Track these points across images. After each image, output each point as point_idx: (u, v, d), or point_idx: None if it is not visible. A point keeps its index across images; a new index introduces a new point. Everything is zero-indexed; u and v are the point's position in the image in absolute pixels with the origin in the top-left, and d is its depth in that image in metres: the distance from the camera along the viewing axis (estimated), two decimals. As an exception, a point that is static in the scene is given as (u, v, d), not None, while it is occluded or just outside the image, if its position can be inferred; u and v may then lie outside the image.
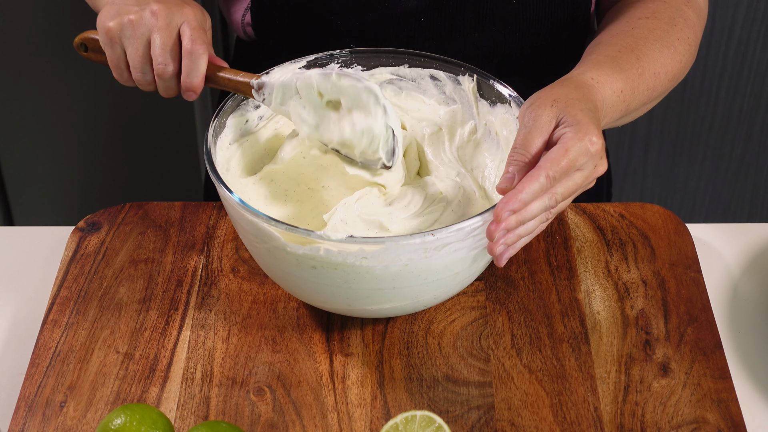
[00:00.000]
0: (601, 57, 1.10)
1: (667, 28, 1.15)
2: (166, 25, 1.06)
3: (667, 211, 1.19)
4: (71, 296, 1.11)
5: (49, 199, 2.11)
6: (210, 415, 1.01)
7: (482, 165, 1.11)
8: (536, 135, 0.96)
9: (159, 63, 1.07)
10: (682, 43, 1.15)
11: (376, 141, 1.05)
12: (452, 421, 1.00)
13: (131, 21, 1.06)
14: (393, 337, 1.07)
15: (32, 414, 1.00)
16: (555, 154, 0.94)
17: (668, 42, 1.14)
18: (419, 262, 0.96)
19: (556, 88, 1.01)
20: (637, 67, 1.10)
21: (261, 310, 1.09)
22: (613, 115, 1.08)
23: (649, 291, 1.11)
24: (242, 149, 1.11)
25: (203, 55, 1.06)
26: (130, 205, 1.20)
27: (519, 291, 1.11)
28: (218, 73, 1.08)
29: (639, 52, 1.11)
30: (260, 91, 1.07)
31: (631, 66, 1.09)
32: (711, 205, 2.22)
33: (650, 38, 1.13)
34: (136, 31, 1.07)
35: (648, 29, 1.14)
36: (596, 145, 0.95)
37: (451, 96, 1.13)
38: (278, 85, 1.07)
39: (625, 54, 1.10)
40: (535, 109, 0.98)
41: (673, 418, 1.00)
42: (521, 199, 0.92)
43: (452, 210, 1.06)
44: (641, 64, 1.11)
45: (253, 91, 1.08)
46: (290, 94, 1.06)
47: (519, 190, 0.92)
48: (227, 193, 0.98)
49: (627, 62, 1.09)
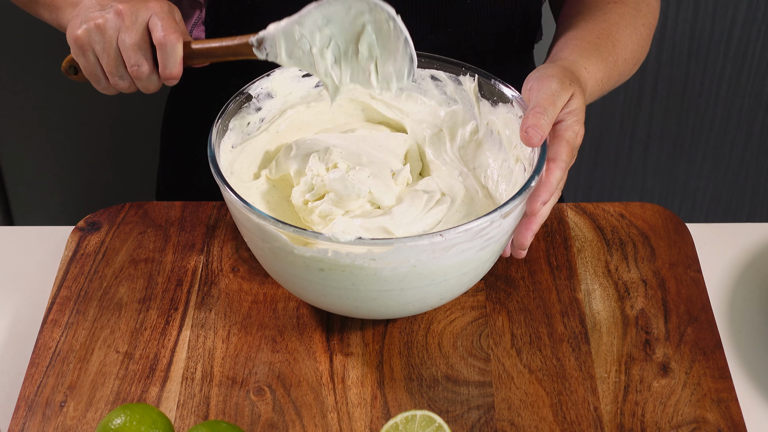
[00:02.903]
0: (585, 44, 1.14)
1: (634, 13, 1.19)
2: (132, 23, 1.04)
3: (667, 210, 1.19)
4: (71, 296, 1.11)
5: (49, 199, 2.11)
6: (210, 415, 1.01)
7: (484, 165, 1.11)
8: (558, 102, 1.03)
9: (132, 64, 1.05)
10: (645, 29, 1.20)
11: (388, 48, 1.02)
12: (452, 421, 1.00)
13: (98, 26, 1.05)
14: (393, 337, 1.07)
15: (32, 414, 1.00)
16: (558, 146, 1.02)
17: (635, 27, 1.18)
18: (427, 263, 0.96)
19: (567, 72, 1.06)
20: (613, 54, 1.15)
21: (261, 310, 1.09)
22: (590, 99, 1.13)
23: (649, 291, 1.11)
24: (245, 152, 1.11)
25: (177, 44, 1.04)
26: (130, 205, 1.20)
27: (519, 291, 1.11)
28: (211, 45, 1.06)
29: (614, 39, 1.16)
30: (261, 46, 1.04)
31: (609, 53, 1.14)
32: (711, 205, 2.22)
33: (621, 23, 1.17)
34: (104, 36, 1.05)
35: (618, 14, 1.18)
36: (581, 137, 1.06)
37: (452, 96, 1.13)
38: (280, 33, 1.03)
39: (603, 41, 1.15)
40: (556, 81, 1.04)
41: (673, 417, 1.00)
42: (550, 191, 1.00)
43: (456, 210, 1.06)
44: (616, 50, 1.15)
45: (254, 49, 1.04)
46: (293, 40, 1.02)
47: (547, 183, 1.00)
48: (233, 196, 0.98)
49: (606, 49, 1.14)
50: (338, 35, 1.01)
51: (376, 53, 1.01)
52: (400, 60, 1.01)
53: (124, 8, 1.05)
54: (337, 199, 1.04)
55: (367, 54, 1.01)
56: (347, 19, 1.00)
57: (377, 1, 0.99)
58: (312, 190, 1.05)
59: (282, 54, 1.03)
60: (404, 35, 0.99)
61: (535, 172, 1.00)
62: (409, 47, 1.00)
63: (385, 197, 1.05)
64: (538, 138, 1.00)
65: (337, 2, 1.00)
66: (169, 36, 1.04)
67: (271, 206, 1.09)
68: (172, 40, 1.04)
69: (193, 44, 1.07)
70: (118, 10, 1.04)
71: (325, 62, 1.03)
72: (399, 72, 1.01)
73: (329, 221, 1.04)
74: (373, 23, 1.00)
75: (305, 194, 1.06)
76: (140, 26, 1.05)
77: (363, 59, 1.02)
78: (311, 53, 1.02)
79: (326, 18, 1.00)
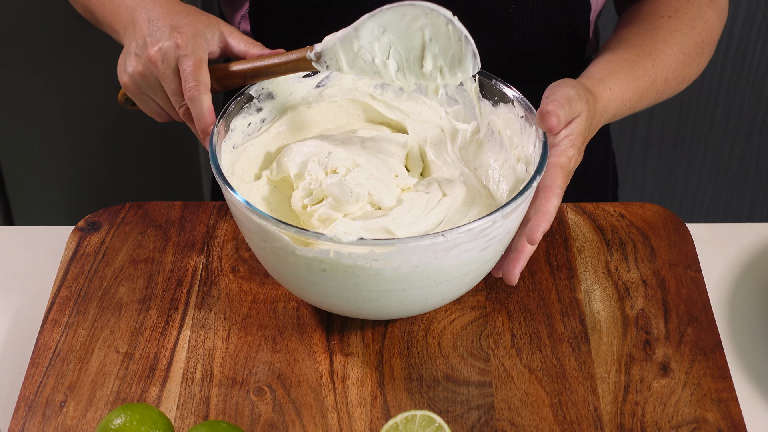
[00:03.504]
0: (621, 61, 1.12)
1: (687, 30, 1.16)
2: (166, 69, 1.06)
3: (667, 210, 1.19)
4: (71, 296, 1.11)
5: (49, 199, 2.11)
6: (210, 415, 1.01)
7: (485, 165, 1.11)
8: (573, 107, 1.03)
9: (179, 108, 1.08)
10: (697, 48, 1.17)
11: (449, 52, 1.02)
12: (452, 421, 1.00)
13: (140, 74, 1.08)
14: (393, 337, 1.07)
15: (32, 414, 1.00)
16: (553, 173, 1.02)
17: (685, 46, 1.16)
18: (429, 263, 0.96)
19: (589, 94, 1.06)
20: (651, 74, 1.13)
21: (261, 310, 1.09)
22: (612, 118, 1.12)
23: (649, 291, 1.11)
24: (246, 153, 1.11)
25: (200, 97, 1.05)
26: (130, 204, 1.20)
27: (519, 291, 1.11)
28: (267, 62, 1.07)
29: (655, 57, 1.13)
30: (321, 60, 1.04)
31: (645, 73, 1.12)
32: (711, 205, 2.22)
33: (669, 41, 1.15)
34: (148, 82, 1.08)
35: (668, 31, 1.15)
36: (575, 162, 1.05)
37: (453, 96, 1.13)
38: (338, 45, 1.03)
39: (643, 59, 1.13)
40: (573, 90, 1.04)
41: (673, 417, 1.00)
42: (549, 220, 1.00)
43: (457, 210, 1.06)
44: (655, 70, 1.13)
45: (314, 63, 1.05)
46: (352, 52, 1.03)
47: (545, 212, 1.00)
48: (234, 196, 0.98)
49: (642, 69, 1.12)
50: (396, 42, 1.01)
51: (440, 62, 1.01)
52: (463, 59, 1.00)
53: (154, 54, 1.06)
54: (335, 203, 1.04)
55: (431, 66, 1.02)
56: (403, 26, 1.00)
57: (433, 5, 0.99)
58: (310, 195, 1.05)
59: (344, 65, 1.04)
60: (464, 33, 0.99)
61: (537, 172, 1.00)
62: (471, 44, 0.99)
63: (385, 198, 1.05)
64: (555, 122, 1.00)
65: (390, 10, 1.00)
66: (193, 90, 1.05)
67: (273, 207, 1.09)
68: (195, 95, 1.05)
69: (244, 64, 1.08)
70: (150, 57, 1.06)
71: (388, 72, 1.03)
72: (465, 68, 1.01)
73: (328, 224, 1.04)
74: (430, 27, 0.99)
75: (304, 199, 1.06)
76: (173, 72, 1.06)
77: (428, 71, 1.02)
78: (374, 63, 1.03)
79: (382, 27, 1.01)
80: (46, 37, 1.89)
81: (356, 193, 1.04)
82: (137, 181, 2.07)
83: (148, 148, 2.02)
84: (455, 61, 1.01)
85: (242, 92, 1.10)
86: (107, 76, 1.92)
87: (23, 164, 2.05)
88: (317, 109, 1.15)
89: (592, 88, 1.08)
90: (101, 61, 1.90)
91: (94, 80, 1.92)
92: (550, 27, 1.23)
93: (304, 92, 1.15)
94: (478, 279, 1.03)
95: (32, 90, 1.95)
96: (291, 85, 1.14)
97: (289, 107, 1.14)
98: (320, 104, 1.15)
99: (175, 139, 2.00)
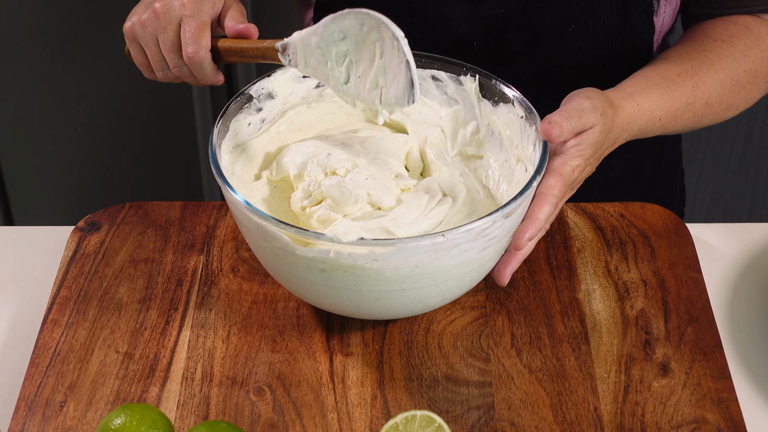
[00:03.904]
0: (658, 78, 1.11)
1: (739, 57, 1.14)
2: (166, 24, 1.06)
3: (667, 211, 1.19)
4: (71, 296, 1.11)
5: (49, 199, 2.11)
6: (210, 415, 1.01)
7: (485, 165, 1.11)
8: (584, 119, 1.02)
9: (174, 66, 1.08)
10: (749, 76, 1.15)
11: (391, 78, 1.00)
12: (452, 421, 1.00)
13: (141, 22, 1.08)
14: (393, 337, 1.07)
15: (32, 414, 1.00)
16: (552, 180, 1.01)
17: (734, 73, 1.14)
18: (429, 263, 0.96)
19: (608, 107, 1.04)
20: (689, 95, 1.11)
21: (261, 310, 1.09)
22: (639, 135, 1.11)
23: (649, 291, 1.11)
24: (246, 153, 1.11)
25: (202, 60, 1.06)
26: (130, 205, 1.20)
27: (519, 291, 1.11)
28: (243, 45, 1.07)
29: (697, 80, 1.12)
30: (285, 52, 1.05)
31: (683, 93, 1.11)
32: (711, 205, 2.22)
33: (717, 66, 1.13)
34: (144, 33, 1.08)
35: (718, 55, 1.14)
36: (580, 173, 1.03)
37: (452, 96, 1.13)
38: (299, 42, 1.04)
39: (683, 80, 1.11)
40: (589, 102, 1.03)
41: (673, 418, 1.00)
42: (537, 227, 0.99)
43: (457, 210, 1.06)
44: (695, 92, 1.11)
45: (279, 54, 1.05)
46: (311, 50, 1.03)
47: (534, 218, 0.99)
48: (234, 196, 0.98)
49: (680, 89, 1.11)
50: (353, 52, 1.01)
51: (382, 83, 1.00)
52: (401, 83, 0.98)
53: (160, 6, 1.06)
54: (334, 205, 1.04)
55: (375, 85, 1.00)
56: (361, 36, 1.00)
57: (384, 19, 0.97)
58: (309, 197, 1.05)
59: (300, 63, 1.04)
60: (407, 58, 0.96)
61: (537, 172, 1.00)
62: (411, 71, 0.97)
63: (385, 199, 1.05)
64: (556, 133, 0.99)
65: (351, 15, 0.99)
66: (194, 55, 1.06)
67: (273, 207, 1.09)
68: (197, 59, 1.06)
69: (227, 42, 1.08)
70: (155, 9, 1.07)
71: (337, 81, 1.03)
72: (399, 98, 0.99)
73: (328, 225, 1.04)
74: (381, 42, 0.98)
75: (303, 200, 1.06)
76: (173, 28, 1.07)
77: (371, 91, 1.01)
78: (326, 67, 1.03)
79: (342, 32, 1.00)
80: (46, 37, 1.89)
81: (355, 194, 1.04)
82: (137, 181, 2.07)
83: (148, 148, 2.02)
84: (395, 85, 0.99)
85: (242, 92, 1.10)
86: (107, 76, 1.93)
87: (23, 164, 2.05)
88: (317, 109, 1.15)
89: (617, 101, 1.06)
90: (101, 62, 1.90)
91: (94, 80, 1.92)
92: (610, 47, 1.21)
93: (303, 92, 1.15)
94: (478, 279, 1.03)
95: (32, 90, 1.95)
96: (291, 85, 1.14)
97: (289, 107, 1.14)
98: (320, 104, 1.15)
99: (175, 139, 2.00)
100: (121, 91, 1.94)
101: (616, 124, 1.06)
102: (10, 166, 2.06)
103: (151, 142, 2.01)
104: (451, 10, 1.20)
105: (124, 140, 2.02)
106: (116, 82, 1.92)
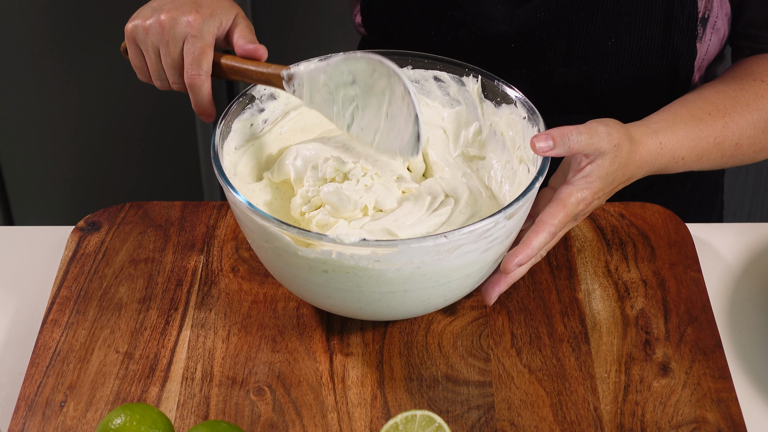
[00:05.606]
0: (687, 115, 1.08)
1: None
2: (170, 39, 1.06)
3: (667, 210, 1.19)
4: (71, 296, 1.11)
5: (49, 199, 2.11)
6: (210, 415, 1.01)
7: (488, 165, 1.11)
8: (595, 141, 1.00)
9: (173, 82, 1.08)
10: None
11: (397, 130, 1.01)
12: (452, 421, 1.00)
13: (144, 28, 1.07)
14: (393, 337, 1.07)
15: (32, 414, 1.00)
16: (554, 209, 1.00)
17: None
18: (432, 264, 0.96)
19: (626, 140, 1.02)
20: (718, 136, 1.09)
21: (261, 310, 1.09)
22: (661, 171, 1.09)
23: (649, 291, 1.11)
24: (248, 154, 1.11)
25: (201, 87, 1.06)
26: (130, 204, 1.20)
27: (519, 291, 1.11)
28: (246, 66, 1.07)
29: (729, 119, 1.10)
30: (291, 82, 1.05)
31: (711, 133, 1.09)
32: (711, 205, 2.22)
33: (752, 106, 1.11)
34: (146, 39, 1.07)
35: (755, 95, 1.11)
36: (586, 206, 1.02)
37: (455, 97, 1.13)
38: (306, 76, 1.04)
39: (713, 119, 1.09)
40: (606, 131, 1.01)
41: (673, 417, 1.00)
42: (528, 254, 0.98)
43: (460, 211, 1.06)
44: (725, 132, 1.09)
45: (284, 82, 1.05)
46: (317, 87, 1.03)
47: (527, 244, 0.98)
48: (237, 197, 0.98)
49: (709, 129, 1.09)
50: (361, 98, 1.01)
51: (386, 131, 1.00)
52: (406, 136, 0.99)
53: (166, 20, 1.06)
54: (333, 211, 1.04)
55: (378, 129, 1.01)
56: (370, 82, 1.00)
57: (396, 69, 0.97)
58: (308, 203, 1.05)
59: (306, 97, 1.05)
60: (415, 112, 0.97)
61: (539, 173, 1.00)
62: (419, 126, 0.98)
63: (386, 200, 1.05)
64: (542, 143, 0.98)
65: (363, 60, 0.99)
66: (195, 79, 1.06)
67: (275, 208, 1.09)
68: (197, 83, 1.06)
69: (231, 60, 1.08)
70: (160, 20, 1.06)
71: (342, 124, 1.03)
72: (403, 149, 1.00)
73: (327, 230, 1.04)
74: (389, 91, 0.98)
75: (302, 206, 1.06)
76: (176, 46, 1.06)
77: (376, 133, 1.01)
78: (332, 108, 1.03)
79: (352, 74, 1.00)
80: (46, 37, 1.89)
81: (354, 200, 1.03)
82: (137, 181, 2.07)
83: (148, 148, 2.02)
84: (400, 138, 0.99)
85: (244, 93, 1.10)
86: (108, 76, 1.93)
87: (23, 164, 2.05)
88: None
89: (639, 136, 1.04)
90: (102, 62, 1.90)
91: (94, 80, 1.92)
92: (649, 66, 1.18)
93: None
94: (480, 280, 1.03)
95: (32, 90, 1.95)
96: (292, 86, 1.14)
97: (291, 108, 1.14)
98: (322, 105, 1.15)
99: (175, 139, 2.00)
100: (121, 91, 1.94)
101: (632, 159, 1.03)
102: (10, 166, 2.06)
103: (151, 142, 2.01)
104: (492, 9, 1.19)
105: (124, 140, 2.02)
106: (116, 82, 1.92)
